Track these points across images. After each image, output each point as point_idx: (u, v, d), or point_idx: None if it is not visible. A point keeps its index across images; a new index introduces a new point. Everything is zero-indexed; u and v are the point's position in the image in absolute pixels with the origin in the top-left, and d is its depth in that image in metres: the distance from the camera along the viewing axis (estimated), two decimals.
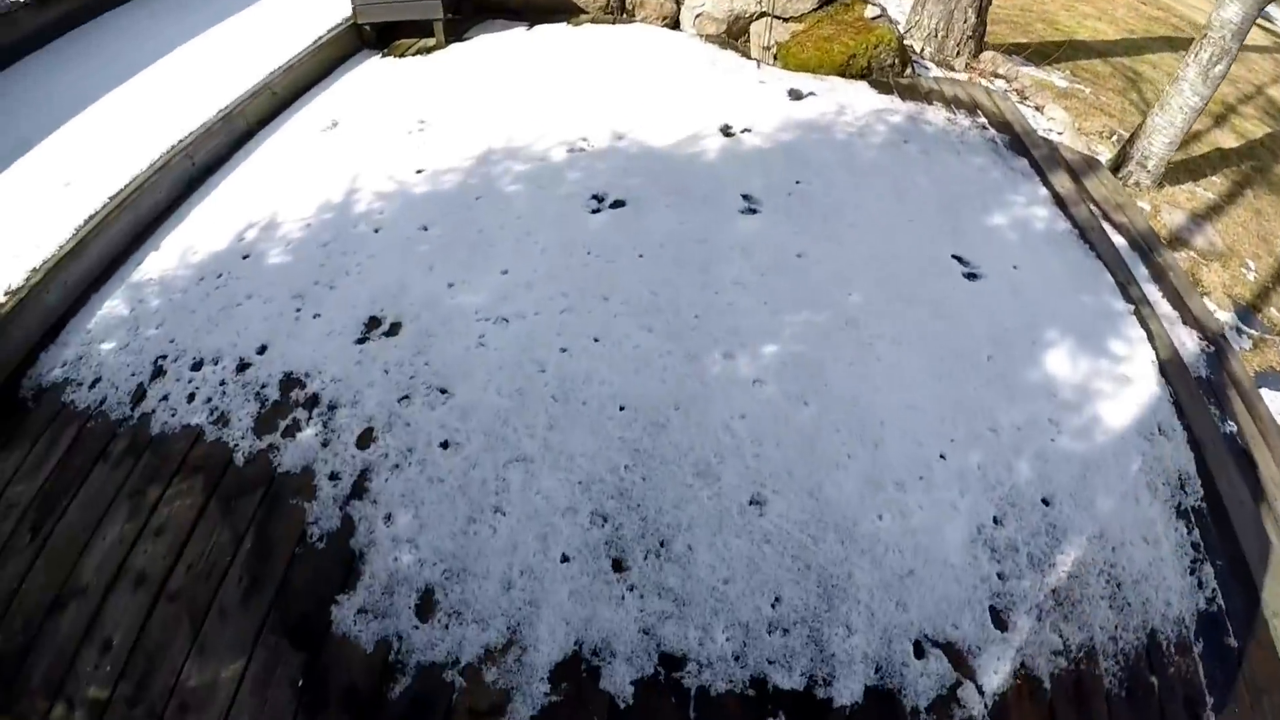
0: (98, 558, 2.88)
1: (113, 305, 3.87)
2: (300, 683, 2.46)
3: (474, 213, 4.10)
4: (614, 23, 5.97)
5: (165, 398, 3.30)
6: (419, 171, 4.52)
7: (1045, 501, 2.90)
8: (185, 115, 5.20)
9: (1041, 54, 7.49)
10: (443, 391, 3.13)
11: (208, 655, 2.58)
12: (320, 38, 5.99)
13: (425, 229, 3.99)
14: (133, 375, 3.45)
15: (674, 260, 3.73)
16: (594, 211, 4.05)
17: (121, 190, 4.42)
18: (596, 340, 3.34)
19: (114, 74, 6.18)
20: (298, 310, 3.56)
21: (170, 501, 2.94)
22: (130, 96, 5.84)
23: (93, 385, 3.48)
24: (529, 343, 3.31)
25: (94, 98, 5.84)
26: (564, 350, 3.28)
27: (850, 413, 3.11)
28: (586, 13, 6.10)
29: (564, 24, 6.07)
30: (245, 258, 3.97)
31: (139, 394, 3.37)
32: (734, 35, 5.86)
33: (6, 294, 3.88)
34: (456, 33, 6.13)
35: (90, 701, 2.57)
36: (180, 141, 4.81)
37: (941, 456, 2.98)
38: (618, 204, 4.08)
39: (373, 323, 3.48)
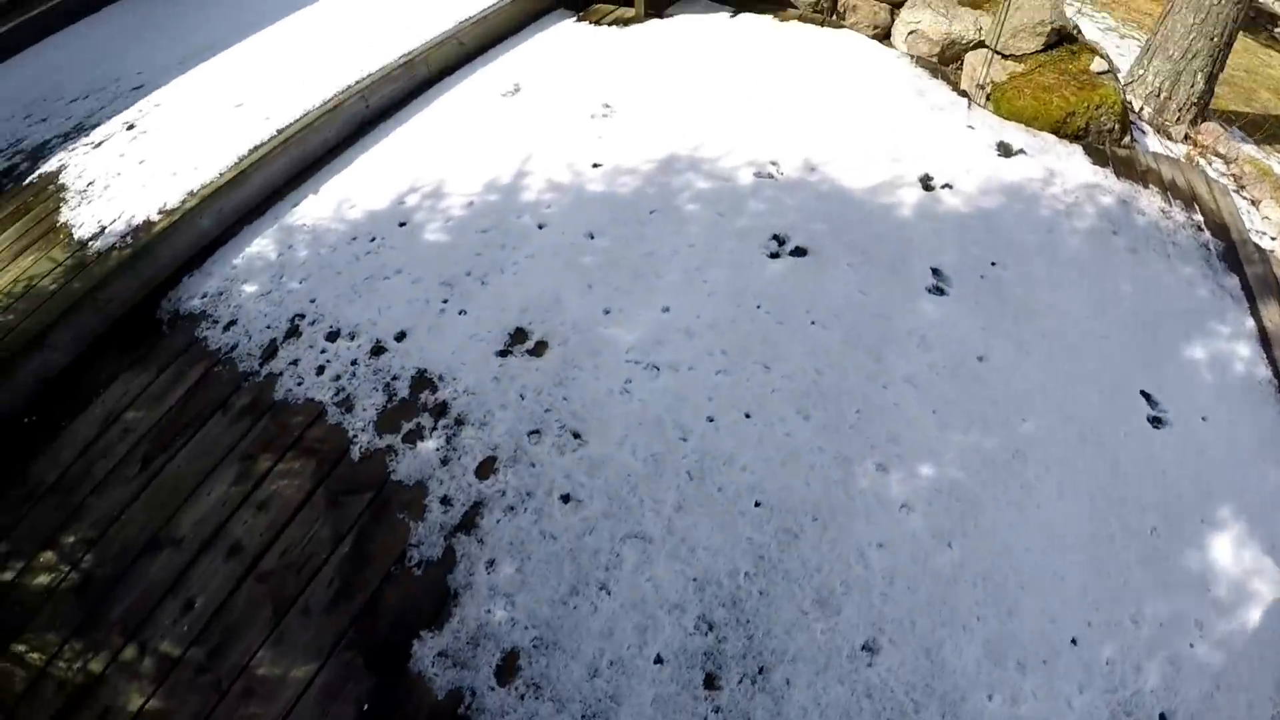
0: (199, 512, 3.28)
1: (262, 245, 4.31)
2: (366, 707, 2.74)
3: (646, 230, 4.29)
4: (821, 24, 6.07)
5: (295, 363, 3.68)
6: (596, 166, 4.75)
7: (1163, 718, 2.86)
8: (367, 50, 5.67)
9: (1259, 126, 7.07)
10: (576, 436, 3.35)
11: (283, 649, 2.91)
12: None
13: (592, 237, 4.22)
14: (268, 328, 3.86)
15: (847, 336, 3.80)
16: (772, 255, 4.16)
17: (290, 124, 4.90)
18: (748, 416, 3.47)
19: None
20: (444, 301, 3.87)
21: (279, 477, 3.31)
22: (317, 19, 6.41)
23: (227, 327, 3.91)
24: (676, 402, 3.49)
25: (280, 14, 6.44)
26: (711, 420, 3.44)
27: (993, 567, 3.14)
28: (795, 7, 6.24)
29: (769, 17, 6.22)
30: (402, 225, 4.33)
31: (270, 350, 3.77)
32: (945, 61, 5.86)
33: (161, 212, 4.40)
34: (657, 7, 6.37)
35: (161, 655, 2.95)
36: (357, 82, 5.26)
37: (1073, 641, 2.97)
38: (799, 251, 4.17)
39: (519, 335, 3.75)
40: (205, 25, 6.86)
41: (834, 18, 6.11)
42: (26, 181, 5.27)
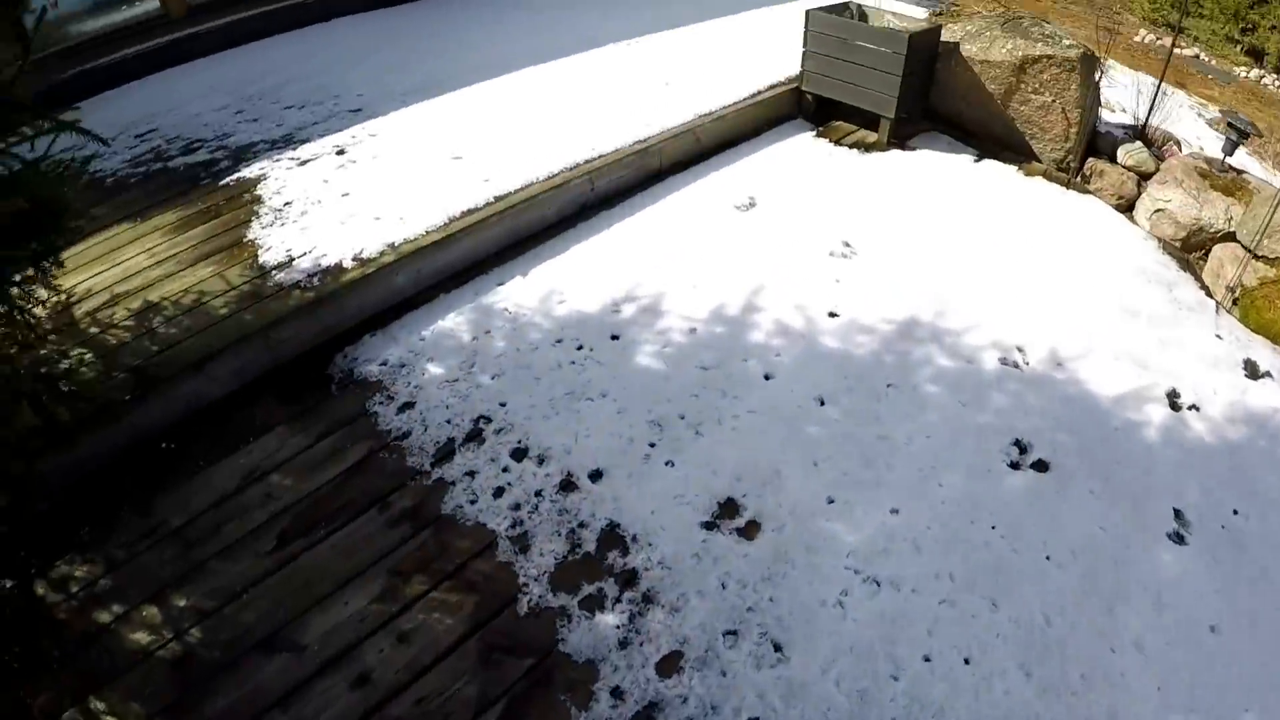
0: (331, 621, 3.14)
1: (456, 321, 4.29)
2: None
3: (881, 407, 4.11)
4: (1066, 185, 5.95)
5: (472, 475, 3.57)
6: (832, 315, 4.62)
7: None
8: (596, 125, 5.77)
9: None
10: (777, 649, 3.10)
11: None
12: (759, 92, 6.49)
13: (822, 403, 4.06)
14: (448, 423, 3.78)
15: (1082, 580, 3.53)
16: (1012, 465, 3.93)
17: (510, 193, 4.92)
18: (967, 662, 3.17)
19: (542, 45, 6.99)
20: (651, 445, 3.72)
21: (430, 609, 3.14)
22: (547, 78, 6.59)
23: (403, 409, 3.85)
24: (893, 629, 3.21)
25: (511, 65, 6.64)
26: (927, 660, 3.14)
27: None
28: (1040, 162, 6.19)
29: (1013, 169, 6.15)
30: (614, 338, 4.25)
31: (446, 451, 3.67)
32: (1189, 248, 5.68)
33: (356, 259, 4.43)
34: (900, 136, 6.43)
35: None
36: (586, 160, 5.31)
37: None
38: (1040, 465, 3.95)
39: (729, 508, 3.54)
40: (433, 59, 7.15)
41: (1079, 179, 6.08)
42: (224, 182, 5.48)
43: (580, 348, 4.18)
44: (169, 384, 3.90)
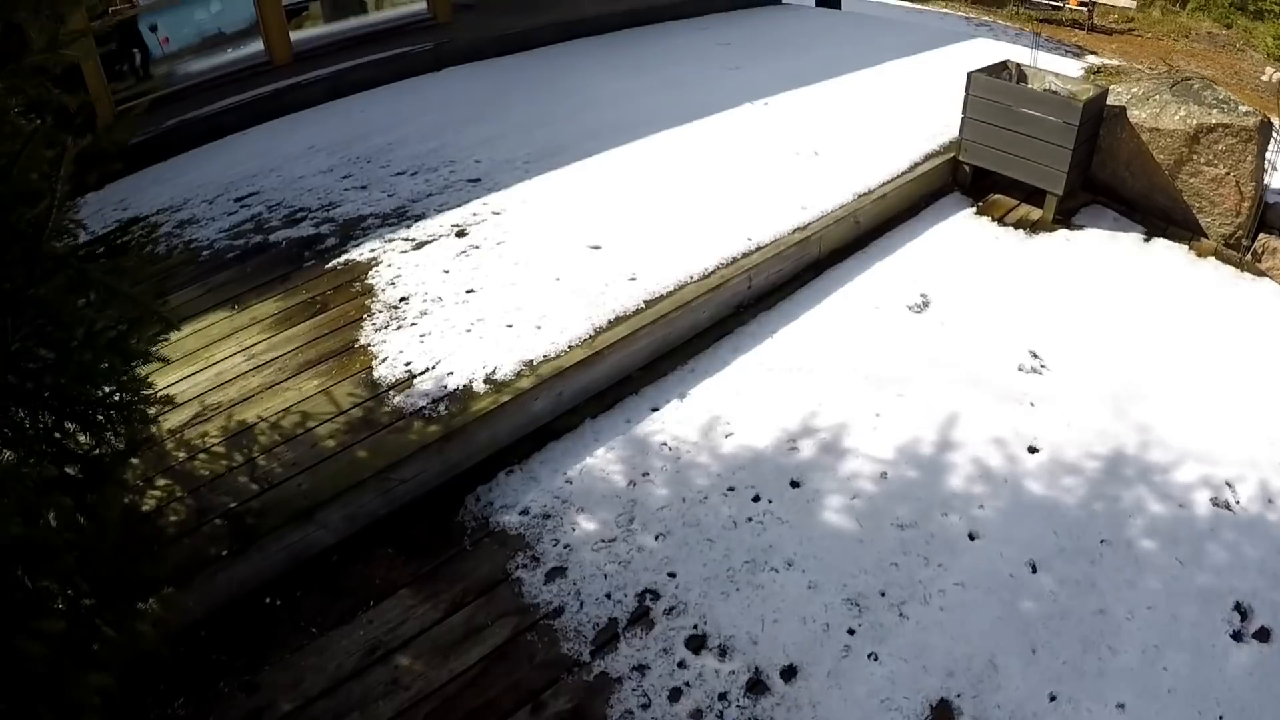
0: None
1: (606, 459, 3.94)
2: None
3: (1096, 571, 3.71)
4: (1239, 267, 5.85)
5: (641, 670, 3.15)
6: (1033, 450, 4.23)
7: None
8: (747, 203, 5.44)
9: None
10: None
11: None
12: (916, 164, 6.18)
13: (1034, 569, 3.66)
14: (608, 598, 3.39)
15: None
16: (1234, 636, 3.55)
17: (663, 296, 4.56)
18: None
19: (670, 104, 6.69)
20: (850, 633, 3.31)
21: None
22: (686, 143, 6.27)
23: (551, 577, 3.47)
24: None
25: (642, 127, 6.32)
26: None
27: None
28: (1208, 238, 6.04)
29: (1183, 248, 5.96)
30: (795, 486, 3.87)
31: (608, 636, 3.27)
32: None
33: (487, 381, 4.04)
34: (1065, 213, 6.17)
35: None
36: (744, 254, 4.95)
37: None
38: (1262, 634, 3.59)
39: (943, 712, 3.10)
40: (557, 120, 6.87)
41: (1250, 257, 5.95)
42: (330, 264, 5.20)
43: (757, 499, 3.80)
44: (272, 535, 3.51)
